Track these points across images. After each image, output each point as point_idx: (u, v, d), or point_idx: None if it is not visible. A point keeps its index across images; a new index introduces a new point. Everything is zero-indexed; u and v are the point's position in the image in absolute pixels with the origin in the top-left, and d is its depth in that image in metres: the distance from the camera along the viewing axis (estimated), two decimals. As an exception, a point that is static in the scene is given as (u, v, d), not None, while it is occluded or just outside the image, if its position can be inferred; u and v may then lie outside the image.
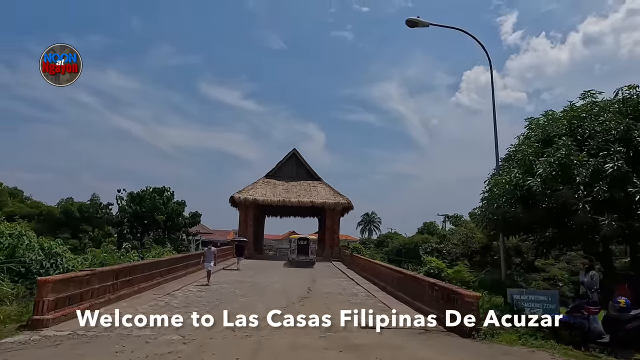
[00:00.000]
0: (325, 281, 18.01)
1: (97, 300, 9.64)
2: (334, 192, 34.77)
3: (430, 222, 65.95)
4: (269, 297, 12.64)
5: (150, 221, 30.85)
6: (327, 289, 15.44)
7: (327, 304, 11.64)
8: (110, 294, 10.50)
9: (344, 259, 29.44)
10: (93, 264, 15.28)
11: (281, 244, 71.74)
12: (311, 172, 36.75)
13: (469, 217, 29.40)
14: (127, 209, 31.04)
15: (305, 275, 20.58)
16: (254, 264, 26.10)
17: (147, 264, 13.28)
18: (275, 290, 14.21)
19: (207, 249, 15.46)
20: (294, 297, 12.84)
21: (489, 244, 19.42)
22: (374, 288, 15.89)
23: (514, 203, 9.42)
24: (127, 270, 11.69)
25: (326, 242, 34.18)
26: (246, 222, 32.94)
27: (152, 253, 18.70)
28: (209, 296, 12.40)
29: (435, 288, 10.13)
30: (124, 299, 10.99)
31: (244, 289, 14.36)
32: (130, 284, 11.86)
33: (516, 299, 8.49)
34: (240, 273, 20.07)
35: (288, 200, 32.97)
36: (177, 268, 16.11)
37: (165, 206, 31.70)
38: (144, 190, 32.04)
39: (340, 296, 13.54)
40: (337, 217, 34.31)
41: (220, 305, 10.86)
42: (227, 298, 12.04)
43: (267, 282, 16.54)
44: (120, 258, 15.99)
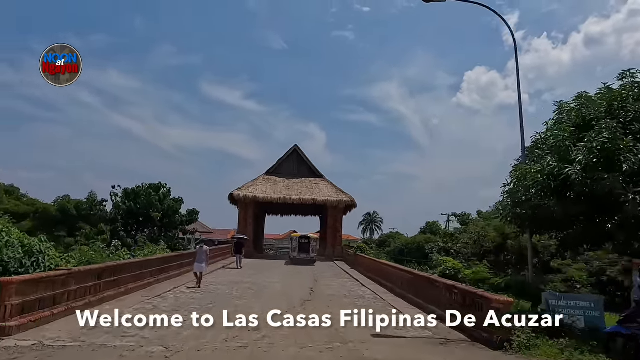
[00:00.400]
0: (328, 282, 16.92)
1: (74, 304, 8.56)
2: (336, 189, 33.59)
3: (433, 222, 64.78)
4: (268, 299, 11.56)
5: (146, 218, 29.67)
6: (330, 290, 14.35)
7: (332, 308, 10.54)
8: (92, 296, 9.42)
9: (347, 259, 28.34)
10: (81, 262, 14.22)
11: (282, 243, 70.63)
12: (313, 169, 35.57)
13: (476, 215, 28.28)
14: (121, 206, 29.87)
15: (307, 275, 19.49)
16: (254, 263, 25.01)
17: (135, 263, 12.20)
18: (275, 292, 13.12)
19: (199, 248, 14.01)
20: (296, 300, 11.76)
21: (503, 243, 18.29)
22: (381, 290, 14.80)
23: (546, 195, 8.31)
24: (112, 270, 10.61)
25: (328, 242, 33.02)
26: (246, 220, 31.81)
27: (144, 251, 17.62)
28: (202, 298, 11.31)
29: (454, 291, 9.03)
30: (107, 301, 9.91)
31: (241, 290, 13.27)
32: (116, 284, 10.79)
33: (552, 304, 7.37)
34: (238, 273, 18.99)
35: (289, 198, 31.79)
36: (171, 268, 15.02)
37: (162, 203, 30.43)
38: (139, 186, 30.89)
39: (345, 299, 12.45)
40: (339, 215, 33.14)
41: (214, 308, 9.76)
42: (222, 301, 10.95)
43: (267, 283, 15.45)
44: (109, 256, 14.92)
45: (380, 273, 17.11)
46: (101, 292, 9.87)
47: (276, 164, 35.23)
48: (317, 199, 32.00)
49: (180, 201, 32.94)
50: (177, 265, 15.77)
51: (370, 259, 20.07)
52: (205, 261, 13.32)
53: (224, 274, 18.49)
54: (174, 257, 14.77)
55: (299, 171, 35.18)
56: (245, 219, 31.84)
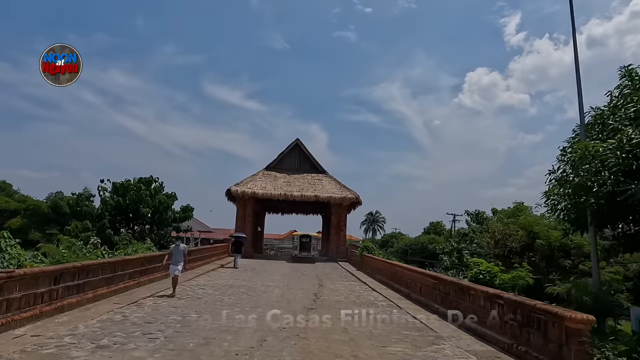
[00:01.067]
0: (333, 285, 15.07)
1: (16, 316, 6.71)
2: (340, 185, 31.57)
3: (437, 222, 63.08)
4: (265, 307, 9.72)
5: (135, 214, 27.64)
6: (337, 295, 12.51)
7: (342, 319, 8.70)
8: (45, 304, 7.59)
9: (351, 260, 26.45)
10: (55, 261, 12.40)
11: (282, 243, 68.79)
12: (315, 164, 33.56)
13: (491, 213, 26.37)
14: (108, 201, 27.80)
15: (310, 276, 17.64)
16: (252, 263, 23.14)
17: (108, 264, 10.34)
18: (274, 299, 11.27)
19: (175, 246, 11.18)
20: (298, 307, 9.93)
21: (531, 242, 16.39)
22: (395, 296, 12.95)
23: (625, 179, 6.43)
24: (76, 272, 8.77)
25: (332, 241, 31.04)
26: (244, 218, 29.86)
27: (128, 250, 15.79)
28: (187, 307, 9.47)
29: (498, 302, 7.17)
30: (66, 310, 8.08)
31: (235, 296, 11.43)
32: (81, 289, 8.96)
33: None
34: (234, 275, 17.16)
35: (290, 194, 29.76)
36: (155, 268, 13.12)
37: (152, 198, 28.38)
38: (128, 180, 28.81)
39: (355, 307, 10.59)
40: (343, 213, 31.12)
41: (194, 324, 7.91)
42: (209, 311, 9.10)
43: (265, 287, 13.60)
44: (85, 255, 13.09)
45: (392, 276, 15.25)
46: (59, 300, 8.04)
47: (277, 158, 33.24)
48: (320, 195, 29.97)
49: (173, 197, 30.75)
50: (164, 266, 13.89)
51: (380, 260, 18.21)
52: (182, 263, 10.89)
53: (217, 275, 16.66)
54: (158, 256, 12.90)
55: (300, 166, 33.19)
56: (243, 217, 29.91)
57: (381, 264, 17.73)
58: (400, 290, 13.48)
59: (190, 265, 17.83)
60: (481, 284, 9.35)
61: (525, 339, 6.19)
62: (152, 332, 6.86)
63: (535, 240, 16.00)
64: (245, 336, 6.89)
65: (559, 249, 15.72)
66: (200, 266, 18.87)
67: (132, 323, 7.52)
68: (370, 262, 20.14)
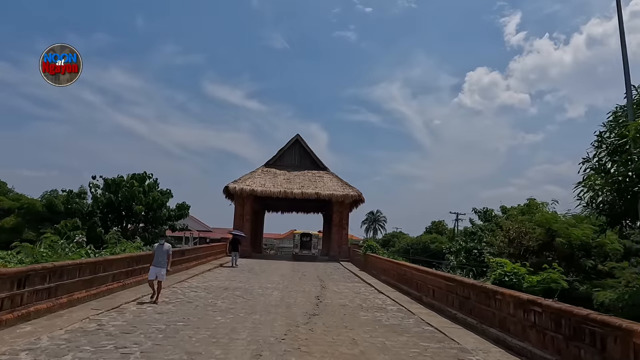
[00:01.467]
0: (337, 287, 14.02)
1: (-36, 327, 5.66)
2: (342, 182, 30.48)
3: (439, 221, 61.98)
4: (262, 313, 8.68)
5: (127, 212, 26.49)
6: (341, 299, 11.46)
7: (350, 329, 7.65)
8: (5, 312, 6.53)
9: (354, 259, 25.40)
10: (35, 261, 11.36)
11: (282, 242, 67.85)
12: (316, 160, 32.46)
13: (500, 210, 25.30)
14: (99, 198, 26.65)
15: (312, 277, 16.59)
16: (251, 263, 22.09)
17: (87, 264, 9.27)
18: (272, 303, 10.21)
19: (158, 245, 9.94)
20: (298, 313, 8.88)
21: (549, 241, 15.32)
22: (404, 299, 11.90)
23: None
24: (46, 274, 7.71)
25: (333, 240, 29.96)
26: (242, 217, 28.77)
27: (115, 249, 14.74)
28: (173, 312, 8.42)
29: (535, 310, 6.10)
30: (32, 319, 7.02)
31: (229, 300, 10.38)
32: (54, 293, 7.90)
33: None
34: (230, 276, 16.11)
35: (290, 192, 28.67)
36: (143, 269, 12.06)
37: (146, 195, 27.23)
38: (121, 176, 27.67)
39: (362, 312, 9.56)
40: (345, 211, 29.99)
41: (182, 331, 6.86)
42: (198, 318, 8.05)
43: (263, 289, 12.55)
44: (68, 255, 12.05)
45: (400, 277, 14.20)
46: (23, 307, 6.97)
47: (276, 154, 32.16)
48: (321, 192, 28.86)
49: (168, 194, 29.53)
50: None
51: (386, 260, 17.15)
52: (165, 265, 9.59)
53: (213, 276, 15.61)
54: (147, 256, 11.83)
55: (300, 163, 32.10)
56: (242, 215, 28.82)
57: (387, 264, 16.68)
58: (410, 293, 12.44)
59: (186, 265, 16.80)
60: (506, 287, 8.30)
61: (574, 355, 5.13)
62: (127, 346, 5.80)
63: (554, 238, 14.93)
64: (237, 350, 5.84)
65: (579, 247, 14.66)
66: (195, 266, 17.84)
67: (106, 334, 6.46)
68: (374, 262, 19.08)
